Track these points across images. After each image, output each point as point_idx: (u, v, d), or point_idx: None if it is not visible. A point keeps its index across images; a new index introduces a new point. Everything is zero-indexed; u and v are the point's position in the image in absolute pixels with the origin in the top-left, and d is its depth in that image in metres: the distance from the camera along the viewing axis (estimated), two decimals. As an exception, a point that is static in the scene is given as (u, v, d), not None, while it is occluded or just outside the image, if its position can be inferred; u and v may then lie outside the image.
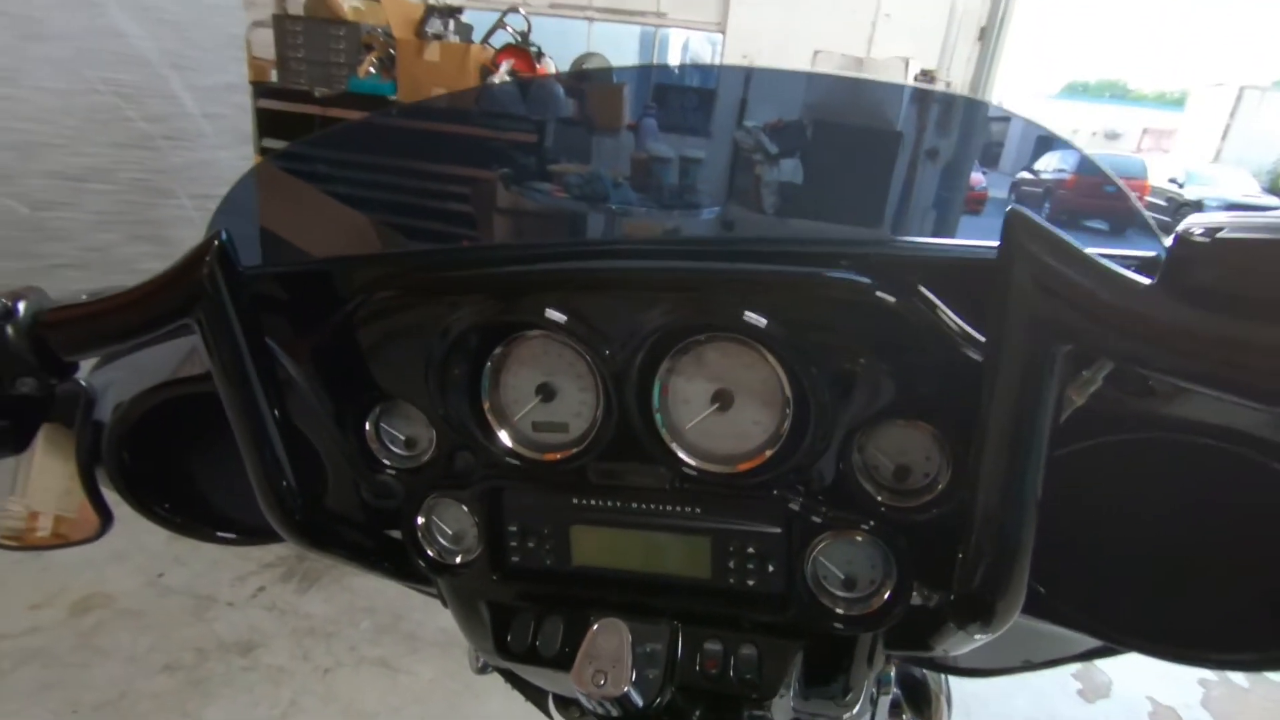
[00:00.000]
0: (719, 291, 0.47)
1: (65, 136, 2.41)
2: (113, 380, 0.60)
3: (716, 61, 4.83)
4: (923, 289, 0.44)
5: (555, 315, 0.48)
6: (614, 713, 0.46)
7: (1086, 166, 0.64)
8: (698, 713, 0.52)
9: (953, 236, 0.80)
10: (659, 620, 0.53)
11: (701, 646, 0.52)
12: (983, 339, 0.41)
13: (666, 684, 0.49)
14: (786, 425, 0.49)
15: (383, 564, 0.61)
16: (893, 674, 0.74)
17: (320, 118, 3.62)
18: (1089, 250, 0.35)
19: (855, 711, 0.59)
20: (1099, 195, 0.65)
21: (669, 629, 0.52)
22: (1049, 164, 3.00)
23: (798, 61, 3.69)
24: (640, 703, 0.46)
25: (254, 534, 0.59)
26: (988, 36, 4.27)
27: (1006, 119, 0.79)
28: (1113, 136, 36.37)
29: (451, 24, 4.02)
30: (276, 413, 0.51)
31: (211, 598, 2.18)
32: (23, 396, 0.49)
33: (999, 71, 4.43)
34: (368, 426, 0.57)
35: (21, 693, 1.79)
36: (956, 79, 4.47)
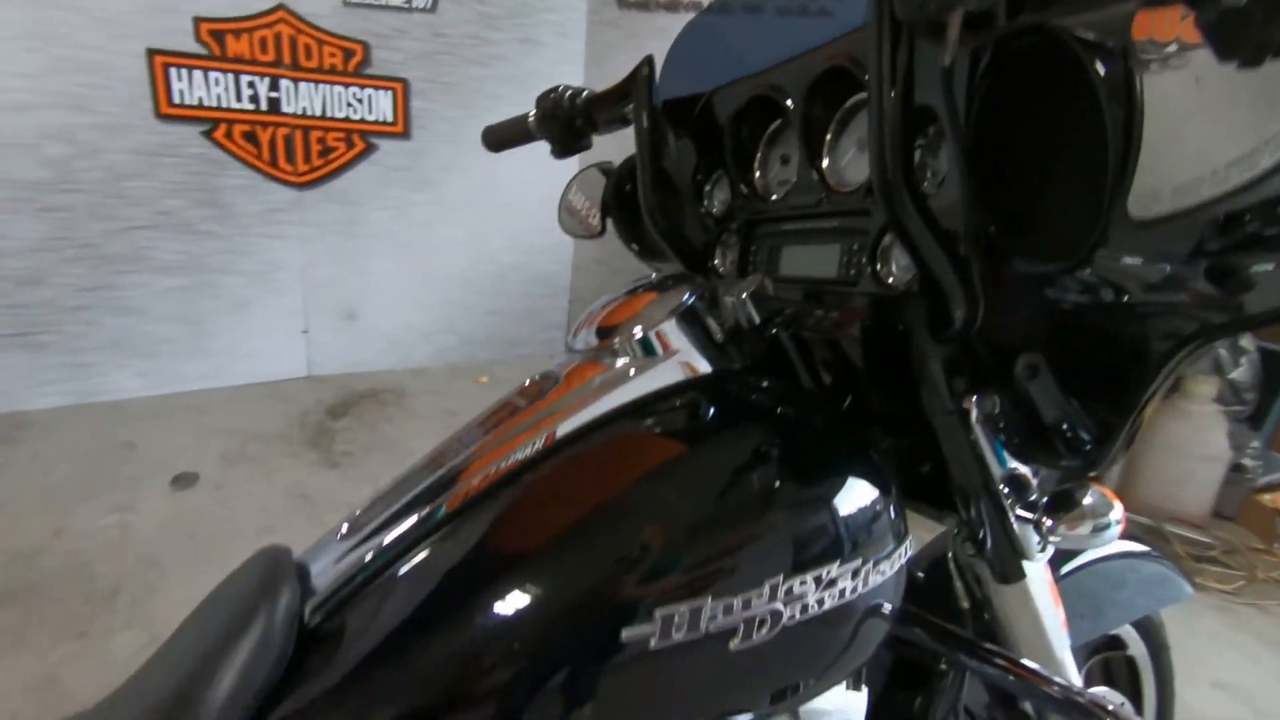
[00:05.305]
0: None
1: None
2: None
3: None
4: None
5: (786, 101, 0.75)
6: (749, 320, 0.69)
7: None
8: (797, 347, 0.77)
9: None
10: (808, 300, 0.78)
11: (814, 309, 0.73)
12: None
13: (785, 323, 0.72)
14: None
15: (695, 265, 0.89)
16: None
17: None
18: None
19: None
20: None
21: (804, 302, 0.75)
22: None
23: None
24: (757, 320, 0.69)
25: (651, 255, 0.99)
26: None
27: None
28: None
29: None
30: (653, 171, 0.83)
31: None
32: (577, 131, 0.94)
33: None
34: (707, 187, 0.90)
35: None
36: None
